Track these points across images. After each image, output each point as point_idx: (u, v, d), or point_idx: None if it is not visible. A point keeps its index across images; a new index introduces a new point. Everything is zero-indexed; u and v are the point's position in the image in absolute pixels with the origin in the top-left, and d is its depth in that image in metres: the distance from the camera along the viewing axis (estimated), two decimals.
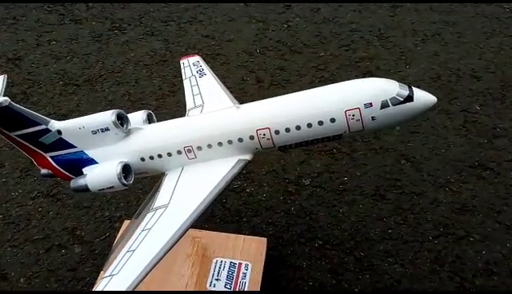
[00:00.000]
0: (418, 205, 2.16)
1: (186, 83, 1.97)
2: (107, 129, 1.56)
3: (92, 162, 1.63)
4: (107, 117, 1.56)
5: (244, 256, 1.95)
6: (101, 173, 1.57)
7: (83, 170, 1.64)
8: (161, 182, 1.57)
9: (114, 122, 1.55)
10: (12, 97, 3.10)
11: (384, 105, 1.36)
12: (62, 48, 3.55)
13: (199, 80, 1.94)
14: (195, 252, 1.97)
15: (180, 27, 3.65)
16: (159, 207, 1.45)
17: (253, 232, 2.13)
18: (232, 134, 1.48)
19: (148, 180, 2.42)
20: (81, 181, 1.61)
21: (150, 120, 1.74)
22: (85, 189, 1.61)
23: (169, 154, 1.55)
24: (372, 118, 1.37)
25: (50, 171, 1.73)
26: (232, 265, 1.93)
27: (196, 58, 2.08)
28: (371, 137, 2.51)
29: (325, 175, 2.35)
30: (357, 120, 1.38)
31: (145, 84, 3.11)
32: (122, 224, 2.12)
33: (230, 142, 1.49)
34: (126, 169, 1.57)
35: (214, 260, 1.94)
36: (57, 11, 4.03)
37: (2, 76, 1.75)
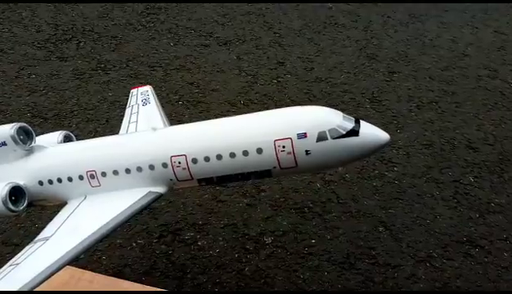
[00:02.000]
0: (392, 279, 1.86)
1: (127, 111, 1.76)
2: (4, 144, 1.35)
3: None
4: (6, 130, 1.34)
5: None
6: None
7: None
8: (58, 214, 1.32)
9: (12, 137, 1.34)
10: None
11: (321, 138, 1.14)
12: (40, 82, 3.41)
13: (140, 108, 1.74)
14: None
15: (166, 73, 3.51)
16: (40, 240, 1.21)
17: (197, 291, 1.82)
18: (142, 160, 1.26)
19: None
20: None
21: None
22: None
23: (70, 179, 1.32)
24: (306, 151, 1.15)
25: None
26: None
27: (146, 87, 1.90)
28: (349, 199, 2.24)
29: (290, 235, 2.06)
30: (288, 153, 1.15)
31: (115, 124, 2.91)
32: None
33: (139, 169, 1.26)
34: (17, 192, 1.32)
35: None
36: (46, 48, 3.94)
37: None
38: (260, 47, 3.87)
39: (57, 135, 1.49)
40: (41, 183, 1.36)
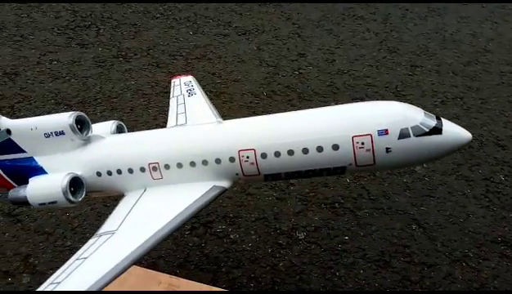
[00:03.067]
0: (429, 278, 1.80)
1: (172, 101, 1.69)
2: (62, 133, 1.28)
3: (40, 171, 1.33)
4: (64, 119, 1.27)
5: None
6: (44, 184, 1.26)
7: (30, 180, 1.33)
8: (118, 206, 1.26)
9: (70, 126, 1.27)
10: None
11: (404, 135, 1.06)
12: (62, 69, 3.33)
13: (187, 99, 1.67)
14: None
15: (187, 62, 3.43)
16: (104, 234, 1.14)
17: (231, 286, 1.77)
18: (208, 153, 1.19)
19: None
20: (21, 192, 1.30)
21: (120, 133, 1.44)
22: (24, 202, 1.29)
23: (130, 171, 1.25)
24: (387, 149, 1.07)
25: None
26: None
27: (189, 77, 1.82)
28: (380, 195, 2.18)
29: (322, 231, 2.00)
30: (367, 150, 1.07)
31: (140, 113, 2.85)
32: None
33: (205, 163, 1.19)
34: (76, 183, 1.25)
35: None
36: (66, 34, 3.85)
37: None
38: (280, 38, 3.78)
39: (110, 124, 1.42)
40: (99, 174, 1.29)
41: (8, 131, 1.34)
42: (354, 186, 2.24)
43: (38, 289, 1.05)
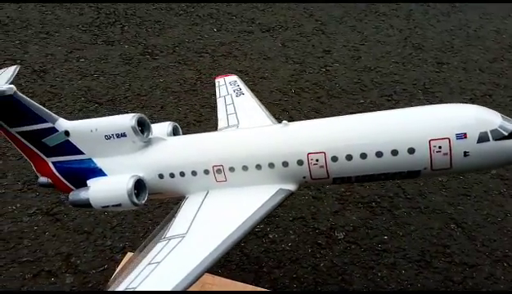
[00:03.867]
0: (471, 279, 1.77)
1: (219, 102, 1.66)
2: (124, 135, 1.25)
3: (99, 173, 1.31)
4: (126, 120, 1.25)
5: None
6: (108, 187, 1.24)
7: (88, 182, 1.31)
8: (179, 207, 1.23)
9: (133, 128, 1.24)
10: None
11: (483, 138, 1.02)
12: (90, 66, 3.30)
13: (235, 99, 1.64)
14: None
15: (214, 59, 3.39)
16: (174, 237, 1.11)
17: (274, 286, 1.74)
18: (275, 156, 1.15)
19: (162, 210, 2.08)
20: (82, 195, 1.28)
21: (175, 134, 1.42)
22: (86, 205, 1.28)
23: (194, 173, 1.22)
24: (465, 153, 1.03)
25: (49, 181, 1.39)
26: None
27: (233, 77, 1.79)
28: (416, 194, 2.14)
29: (361, 231, 1.97)
30: (445, 154, 1.04)
31: (170, 110, 2.82)
32: (124, 257, 1.76)
33: (271, 166, 1.15)
34: (139, 185, 1.23)
35: None
36: (91, 31, 3.82)
37: (15, 66, 1.46)
38: (304, 35, 3.74)
39: (166, 125, 1.39)
40: (161, 176, 1.26)
41: (67, 133, 1.32)
42: (390, 185, 2.20)
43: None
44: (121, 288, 1.03)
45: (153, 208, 2.10)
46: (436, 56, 3.35)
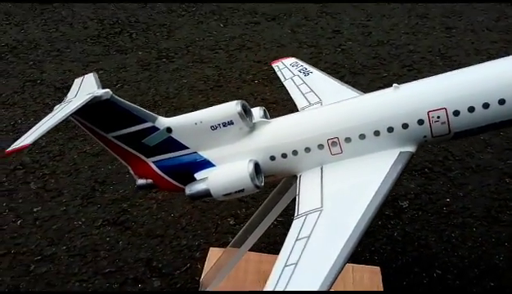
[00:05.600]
0: None
1: (288, 84, 1.62)
2: (230, 123, 1.21)
3: (206, 165, 1.27)
4: (231, 108, 1.21)
5: (357, 286, 1.57)
6: (228, 174, 1.21)
7: (196, 175, 1.27)
8: (298, 186, 1.19)
9: (240, 114, 1.20)
10: (65, 123, 2.78)
11: None
12: (111, 76, 3.24)
13: (305, 78, 1.60)
14: None
15: (229, 54, 3.35)
16: (310, 212, 1.07)
17: (356, 261, 1.74)
18: (395, 119, 1.11)
19: (225, 204, 2.06)
20: (200, 186, 1.24)
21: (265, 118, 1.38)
22: (205, 195, 1.23)
23: (307, 150, 1.19)
24: None
25: (149, 181, 1.35)
26: None
27: (292, 59, 1.76)
28: (464, 155, 2.16)
29: (423, 197, 1.98)
30: None
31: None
32: (207, 253, 1.75)
33: (390, 130, 1.12)
34: (257, 169, 1.20)
35: None
36: (101, 42, 3.74)
37: (92, 73, 1.42)
38: (309, 19, 3.71)
39: (258, 110, 1.34)
40: (273, 158, 1.22)
41: (169, 130, 1.28)
42: (437, 150, 2.21)
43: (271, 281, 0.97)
44: (280, 266, 0.98)
45: (215, 204, 2.08)
46: (442, 22, 3.36)
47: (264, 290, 0.96)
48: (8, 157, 2.43)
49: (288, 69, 1.71)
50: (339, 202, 1.08)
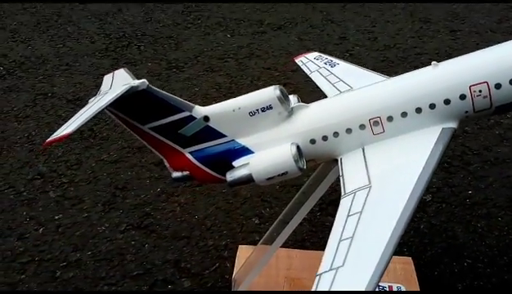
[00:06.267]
0: None
1: (314, 76, 1.62)
2: (269, 107, 1.21)
3: (245, 152, 1.27)
4: (270, 92, 1.22)
5: (391, 277, 1.56)
6: (270, 158, 1.20)
7: (234, 163, 1.26)
8: (340, 167, 1.19)
9: (279, 98, 1.20)
10: (80, 133, 2.78)
11: None
12: None
13: (332, 69, 1.60)
14: None
15: (239, 62, 3.38)
16: (359, 189, 1.07)
17: None
18: (436, 95, 1.11)
19: (248, 205, 2.06)
20: (242, 171, 1.23)
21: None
22: (247, 181, 1.22)
23: (349, 131, 1.18)
24: None
25: (185, 173, 1.34)
26: (381, 288, 1.53)
27: (316, 53, 1.76)
28: (481, 149, 2.18)
29: (445, 190, 1.99)
30: None
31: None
32: (237, 251, 1.74)
33: (432, 106, 1.12)
34: (299, 151, 1.20)
35: None
36: (109, 56, 3.76)
37: (123, 68, 1.42)
38: (315, 27, 3.76)
39: (292, 97, 1.34)
40: (313, 141, 1.21)
41: (206, 119, 1.27)
42: (454, 145, 2.23)
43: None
44: (335, 241, 0.98)
45: (240, 204, 2.08)
46: (446, 26, 3.41)
47: (320, 269, 0.95)
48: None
49: (312, 63, 1.71)
50: (387, 179, 1.07)
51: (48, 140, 1.15)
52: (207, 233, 1.96)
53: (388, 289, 1.52)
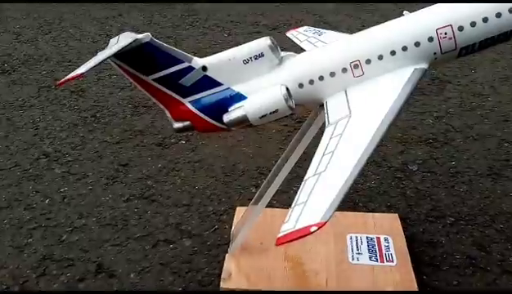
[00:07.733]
0: None
1: (304, 45, 1.73)
2: (261, 55, 1.32)
3: (239, 98, 1.36)
4: (262, 42, 1.34)
5: (379, 231, 1.67)
6: (262, 98, 1.31)
7: (230, 109, 1.37)
8: (326, 108, 1.31)
9: (270, 46, 1.32)
10: (83, 119, 2.87)
11: None
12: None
13: (319, 37, 1.71)
14: (325, 231, 1.68)
15: None
16: (340, 119, 1.21)
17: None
18: (407, 38, 1.23)
19: (246, 177, 2.17)
20: (237, 112, 1.34)
21: None
22: (243, 120, 1.34)
23: (332, 74, 1.30)
24: None
25: (186, 123, 1.44)
26: (370, 239, 1.64)
27: (305, 27, 1.88)
28: (464, 127, 2.31)
29: (430, 162, 2.11)
30: None
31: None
32: (235, 212, 1.84)
33: (404, 49, 1.23)
34: (288, 92, 1.31)
35: (348, 237, 1.66)
36: None
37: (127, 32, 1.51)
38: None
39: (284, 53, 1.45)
40: (301, 85, 1.32)
41: (204, 68, 1.36)
42: (438, 125, 2.36)
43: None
44: (318, 156, 1.13)
45: (238, 177, 2.19)
46: None
47: (306, 175, 1.10)
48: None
49: (302, 34, 1.83)
50: (365, 109, 1.21)
51: (62, 80, 1.25)
52: (207, 200, 2.06)
53: (376, 240, 1.63)
